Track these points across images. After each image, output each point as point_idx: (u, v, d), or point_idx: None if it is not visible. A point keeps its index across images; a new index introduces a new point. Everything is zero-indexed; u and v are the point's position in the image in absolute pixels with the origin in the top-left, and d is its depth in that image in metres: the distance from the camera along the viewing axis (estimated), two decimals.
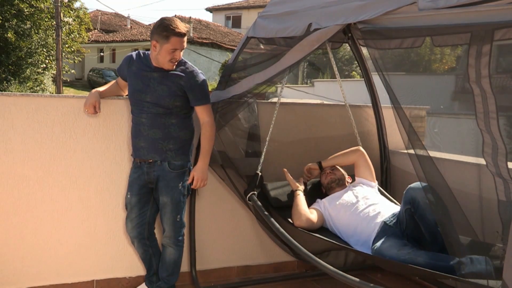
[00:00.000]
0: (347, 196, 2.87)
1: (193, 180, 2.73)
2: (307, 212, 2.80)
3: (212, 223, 3.23)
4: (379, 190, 3.05)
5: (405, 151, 3.46)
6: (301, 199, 2.86)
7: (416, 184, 2.41)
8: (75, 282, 2.91)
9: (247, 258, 3.38)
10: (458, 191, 2.18)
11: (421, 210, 2.34)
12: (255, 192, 2.89)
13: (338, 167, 3.10)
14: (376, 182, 3.06)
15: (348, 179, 3.08)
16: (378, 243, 2.47)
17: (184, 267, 2.99)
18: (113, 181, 2.92)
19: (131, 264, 3.03)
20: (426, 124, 3.86)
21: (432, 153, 2.12)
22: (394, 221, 2.56)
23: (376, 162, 3.40)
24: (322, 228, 2.85)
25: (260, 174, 2.93)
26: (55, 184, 2.80)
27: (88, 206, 2.89)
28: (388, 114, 3.49)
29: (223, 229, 3.28)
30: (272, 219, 2.70)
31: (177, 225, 2.73)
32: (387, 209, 2.70)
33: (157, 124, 2.62)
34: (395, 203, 2.92)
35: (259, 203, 2.81)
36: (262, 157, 2.97)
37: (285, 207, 2.94)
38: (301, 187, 2.96)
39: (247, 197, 2.89)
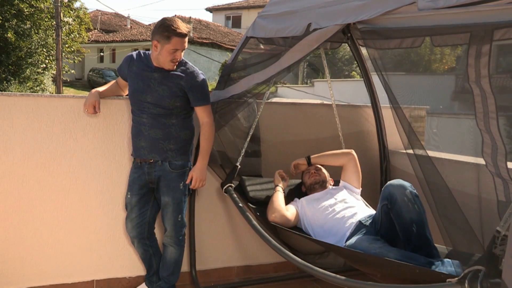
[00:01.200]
0: (326, 198, 2.86)
1: (191, 180, 2.73)
2: (282, 209, 2.79)
3: (212, 223, 3.24)
4: (362, 197, 3.03)
5: (405, 151, 3.47)
6: (279, 195, 2.86)
7: (397, 180, 2.41)
8: (75, 282, 2.92)
9: (247, 258, 3.38)
10: (457, 191, 2.18)
11: (397, 207, 2.31)
12: (232, 185, 2.90)
13: (322, 168, 3.08)
14: (360, 189, 3.02)
15: (330, 181, 3.06)
16: (351, 240, 2.46)
17: (184, 267, 2.99)
18: (113, 181, 2.92)
19: (131, 264, 3.03)
20: (425, 124, 3.86)
21: (432, 153, 2.12)
22: (370, 220, 2.56)
23: (375, 162, 3.40)
24: (297, 228, 2.85)
25: (238, 166, 2.93)
26: (55, 184, 2.80)
27: (88, 206, 2.89)
28: (388, 114, 3.49)
29: (223, 229, 3.28)
30: (247, 213, 2.70)
31: (178, 225, 2.74)
32: (364, 211, 2.71)
33: (157, 124, 2.63)
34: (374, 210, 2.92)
35: (235, 195, 2.81)
36: (243, 151, 2.97)
37: (261, 203, 2.94)
38: (282, 184, 2.95)
39: (223, 189, 2.89)
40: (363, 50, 3.27)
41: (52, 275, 2.86)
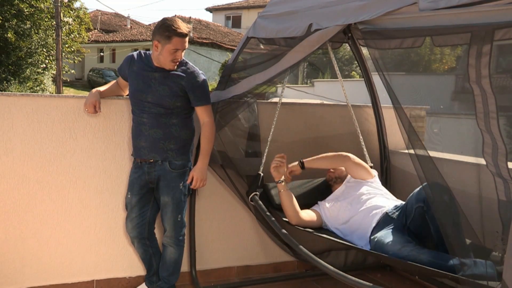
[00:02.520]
0: (346, 195, 2.85)
1: (192, 180, 2.73)
2: (296, 212, 2.77)
3: (212, 223, 3.23)
4: (381, 181, 3.00)
5: (405, 151, 3.47)
6: (284, 196, 2.80)
7: (434, 183, 2.39)
8: (75, 282, 2.91)
9: (247, 258, 3.38)
10: (458, 191, 2.18)
11: (433, 211, 2.30)
12: (257, 193, 2.89)
13: None
14: (375, 175, 2.96)
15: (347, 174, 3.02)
16: (379, 234, 2.44)
17: (184, 267, 2.99)
18: (113, 181, 2.92)
19: (131, 264, 3.03)
20: (426, 124, 3.86)
21: (432, 153, 2.12)
22: (397, 213, 2.52)
23: (376, 162, 3.40)
24: (323, 229, 2.85)
25: (262, 174, 2.93)
26: (55, 184, 2.80)
27: (88, 206, 2.89)
28: (388, 114, 3.49)
29: (223, 229, 3.28)
30: (274, 219, 2.70)
31: (178, 225, 2.73)
32: (388, 201, 2.68)
33: (158, 124, 2.63)
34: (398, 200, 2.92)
35: (261, 204, 2.81)
36: (264, 157, 2.96)
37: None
38: (282, 177, 2.85)
39: (249, 197, 2.89)
40: (364, 50, 3.27)
41: (52, 275, 2.86)
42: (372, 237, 2.50)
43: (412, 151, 2.06)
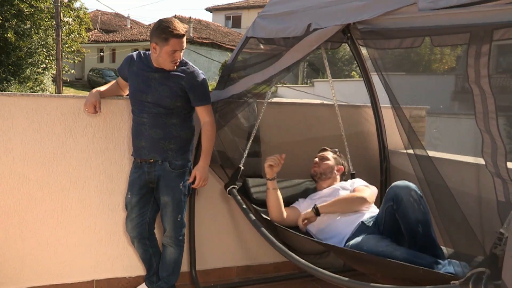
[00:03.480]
0: (327, 198, 2.82)
1: (194, 179, 2.73)
2: (278, 209, 2.76)
3: (212, 223, 3.24)
4: None
5: (405, 151, 3.47)
6: (271, 194, 2.78)
7: (401, 182, 2.39)
8: (75, 282, 2.92)
9: (247, 258, 3.38)
10: (457, 191, 2.18)
11: (403, 208, 2.30)
12: (236, 186, 2.88)
13: (328, 155, 3.01)
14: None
15: (337, 170, 2.98)
16: (354, 240, 2.44)
17: (184, 267, 2.99)
18: (113, 181, 2.93)
19: (131, 264, 3.03)
20: (425, 124, 3.86)
21: (432, 153, 2.12)
22: (372, 221, 2.55)
23: (375, 162, 3.40)
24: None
25: (242, 168, 2.93)
26: (55, 184, 2.80)
27: (88, 206, 2.89)
28: (388, 114, 3.49)
29: (223, 229, 3.28)
30: (251, 214, 2.69)
31: (178, 225, 2.74)
32: (366, 212, 2.68)
33: (158, 124, 2.63)
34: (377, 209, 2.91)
35: (239, 197, 2.80)
36: (246, 152, 2.95)
37: (265, 204, 2.91)
38: (274, 175, 2.81)
39: (227, 190, 2.88)
40: (363, 50, 3.27)
41: (52, 275, 2.86)
42: (346, 244, 2.50)
43: (411, 151, 2.07)
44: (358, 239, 2.43)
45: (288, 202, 2.94)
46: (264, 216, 2.82)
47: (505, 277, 1.51)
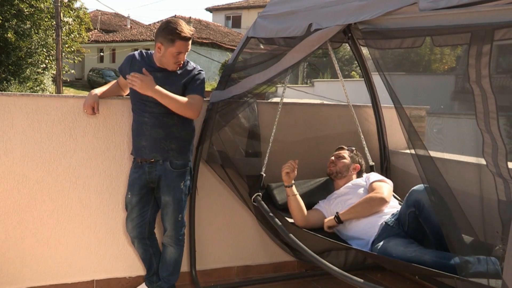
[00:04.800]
0: (346, 197, 2.83)
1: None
2: (302, 214, 2.77)
3: (212, 223, 3.23)
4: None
5: (405, 151, 3.47)
6: (292, 200, 2.80)
7: (420, 186, 2.39)
8: (75, 282, 2.92)
9: (247, 258, 3.38)
10: (459, 191, 2.18)
11: (426, 213, 2.32)
12: (260, 194, 2.88)
13: (344, 154, 3.01)
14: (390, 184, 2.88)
15: (353, 169, 2.99)
16: (380, 243, 2.45)
17: (184, 267, 2.99)
18: (113, 181, 2.92)
19: (131, 264, 3.03)
20: (426, 124, 3.86)
21: (432, 153, 2.12)
22: (395, 221, 2.54)
23: (376, 162, 3.40)
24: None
25: (264, 175, 2.93)
26: (55, 184, 2.80)
27: (88, 206, 2.89)
28: (388, 114, 3.50)
29: (223, 229, 3.28)
30: (277, 220, 2.69)
31: (178, 225, 2.74)
32: (386, 209, 2.68)
33: (159, 123, 2.63)
34: (398, 199, 2.91)
35: (264, 204, 2.80)
36: (266, 158, 2.96)
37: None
38: (292, 181, 2.84)
39: (252, 198, 2.88)
40: (364, 50, 3.27)
41: (52, 275, 2.86)
42: (374, 247, 2.51)
43: (413, 151, 2.06)
44: (385, 242, 2.42)
45: (310, 202, 2.93)
46: (290, 220, 2.82)
47: (505, 276, 1.51)
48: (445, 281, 2.81)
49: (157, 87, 2.52)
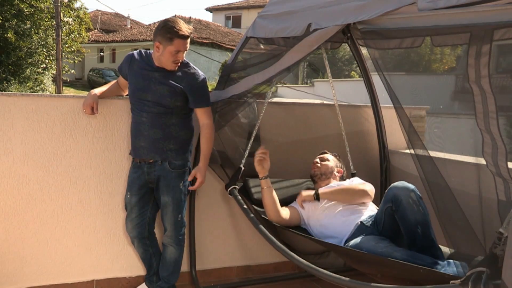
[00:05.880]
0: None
1: (193, 180, 2.73)
2: (276, 209, 2.75)
3: (212, 223, 3.24)
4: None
5: (405, 151, 3.47)
6: (266, 193, 2.77)
7: (400, 182, 2.40)
8: (75, 282, 2.92)
9: (247, 258, 3.38)
10: (458, 191, 2.18)
11: (402, 209, 2.31)
12: (236, 186, 2.88)
13: (328, 157, 3.02)
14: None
15: (337, 172, 2.99)
16: (353, 241, 2.44)
17: (184, 267, 2.99)
18: (113, 181, 2.92)
19: (131, 264, 3.03)
20: (426, 124, 3.86)
21: (432, 153, 2.12)
22: (371, 221, 2.55)
23: (375, 162, 3.40)
24: (301, 228, 2.83)
25: (242, 168, 2.92)
26: (55, 184, 2.80)
27: (88, 206, 2.89)
28: (388, 114, 3.49)
29: (223, 229, 3.28)
30: (252, 215, 2.68)
31: (178, 225, 2.74)
32: (365, 211, 2.69)
33: (158, 123, 2.63)
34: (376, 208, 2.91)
35: (239, 197, 2.80)
36: (247, 152, 2.94)
37: None
38: (267, 173, 2.81)
39: (228, 190, 2.88)
40: (363, 50, 3.27)
41: (52, 275, 2.86)
42: (345, 245, 2.50)
43: (412, 151, 2.06)
44: (357, 239, 2.43)
45: (288, 202, 2.94)
46: (264, 216, 2.82)
47: (505, 276, 1.51)
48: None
49: (202, 163, 2.74)
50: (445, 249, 2.38)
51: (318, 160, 3.01)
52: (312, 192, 2.79)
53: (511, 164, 2.51)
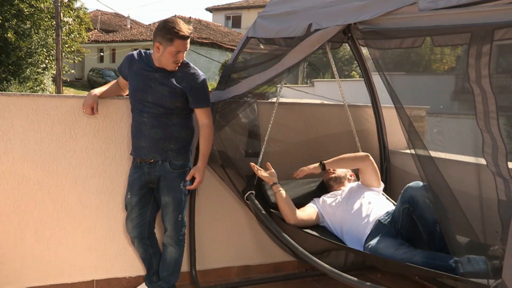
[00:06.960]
0: (343, 195, 2.86)
1: (192, 180, 2.73)
2: (293, 211, 2.77)
3: (212, 223, 3.23)
4: (383, 193, 3.01)
5: (405, 151, 3.47)
6: (281, 196, 2.79)
7: (416, 183, 2.41)
8: (75, 282, 2.92)
9: (247, 258, 3.38)
10: (459, 190, 2.18)
11: (420, 209, 2.33)
12: (253, 192, 2.88)
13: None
14: (382, 185, 2.97)
15: (350, 176, 3.07)
16: (372, 242, 2.46)
17: (184, 267, 2.99)
18: (113, 181, 2.92)
19: (131, 264, 3.03)
20: (426, 124, 3.86)
21: (433, 153, 2.12)
22: (389, 219, 2.56)
23: (376, 162, 3.40)
24: (320, 227, 2.85)
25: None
26: (55, 184, 2.80)
27: (88, 206, 2.89)
28: (388, 114, 3.49)
29: (223, 229, 3.28)
30: (270, 219, 2.70)
31: (179, 225, 2.74)
32: (381, 207, 2.70)
33: (158, 124, 2.63)
34: (394, 204, 2.92)
35: (257, 202, 2.81)
36: (261, 156, 2.96)
37: None
38: (275, 179, 2.87)
39: (245, 196, 2.88)
40: (364, 50, 3.27)
41: (52, 275, 2.86)
42: (366, 245, 2.52)
43: (413, 151, 2.06)
44: (377, 243, 2.44)
45: (301, 202, 2.93)
46: (282, 220, 2.81)
47: (505, 276, 1.51)
48: (446, 281, 2.81)
49: (201, 163, 2.74)
50: (462, 239, 2.37)
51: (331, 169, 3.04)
52: (317, 164, 2.89)
53: (511, 164, 2.51)
